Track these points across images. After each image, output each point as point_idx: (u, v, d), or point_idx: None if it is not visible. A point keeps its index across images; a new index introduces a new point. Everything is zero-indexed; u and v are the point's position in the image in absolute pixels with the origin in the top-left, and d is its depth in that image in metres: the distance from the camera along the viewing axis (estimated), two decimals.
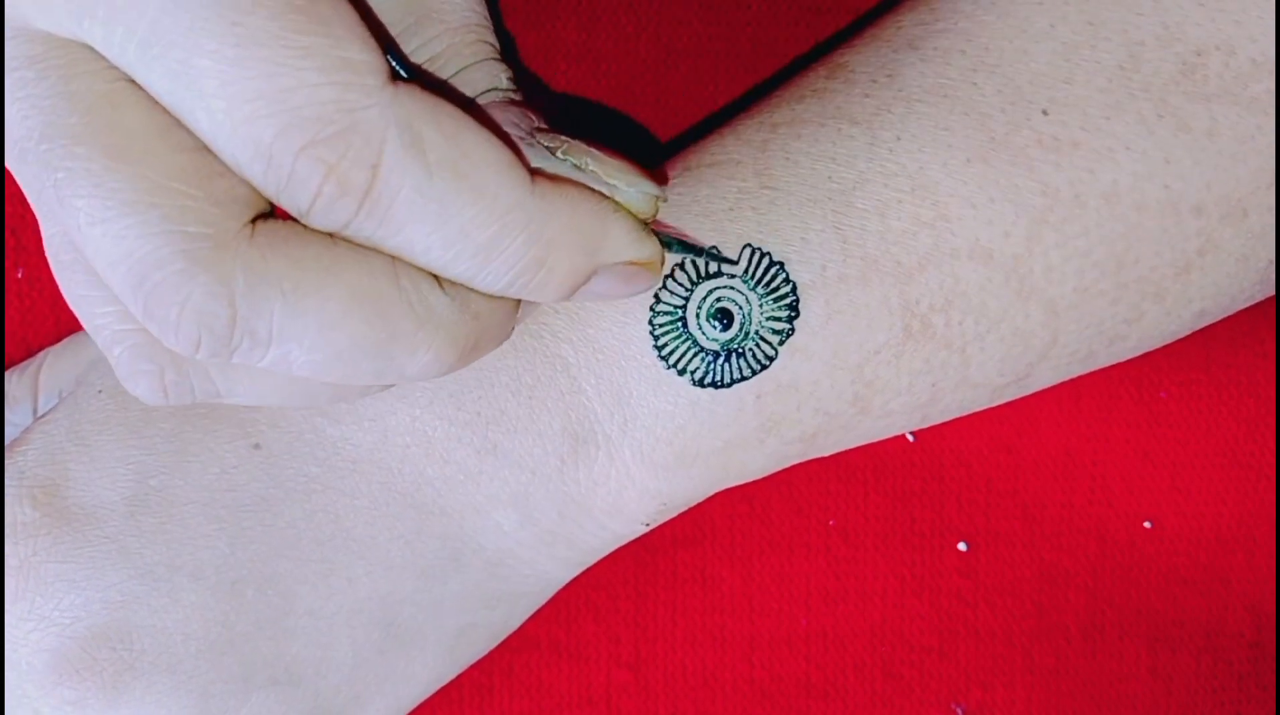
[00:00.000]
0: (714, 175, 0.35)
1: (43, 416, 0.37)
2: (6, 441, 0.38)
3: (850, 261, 0.34)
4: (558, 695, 0.43)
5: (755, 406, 0.35)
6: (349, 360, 0.30)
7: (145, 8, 0.28)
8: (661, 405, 0.35)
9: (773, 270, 0.34)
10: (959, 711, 0.44)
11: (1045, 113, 0.34)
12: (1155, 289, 0.36)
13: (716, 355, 0.35)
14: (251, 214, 0.30)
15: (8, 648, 0.34)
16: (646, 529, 0.38)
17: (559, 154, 0.31)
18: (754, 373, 0.35)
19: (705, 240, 0.35)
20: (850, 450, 0.43)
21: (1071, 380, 0.42)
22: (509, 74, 0.33)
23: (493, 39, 0.34)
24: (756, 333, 0.35)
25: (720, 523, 0.43)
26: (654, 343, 0.35)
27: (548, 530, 0.36)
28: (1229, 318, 0.40)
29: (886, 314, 0.34)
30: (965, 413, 0.38)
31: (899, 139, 0.35)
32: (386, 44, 0.32)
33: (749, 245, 0.35)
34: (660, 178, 0.34)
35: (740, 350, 0.35)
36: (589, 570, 0.41)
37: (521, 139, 0.31)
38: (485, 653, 0.39)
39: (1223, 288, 0.36)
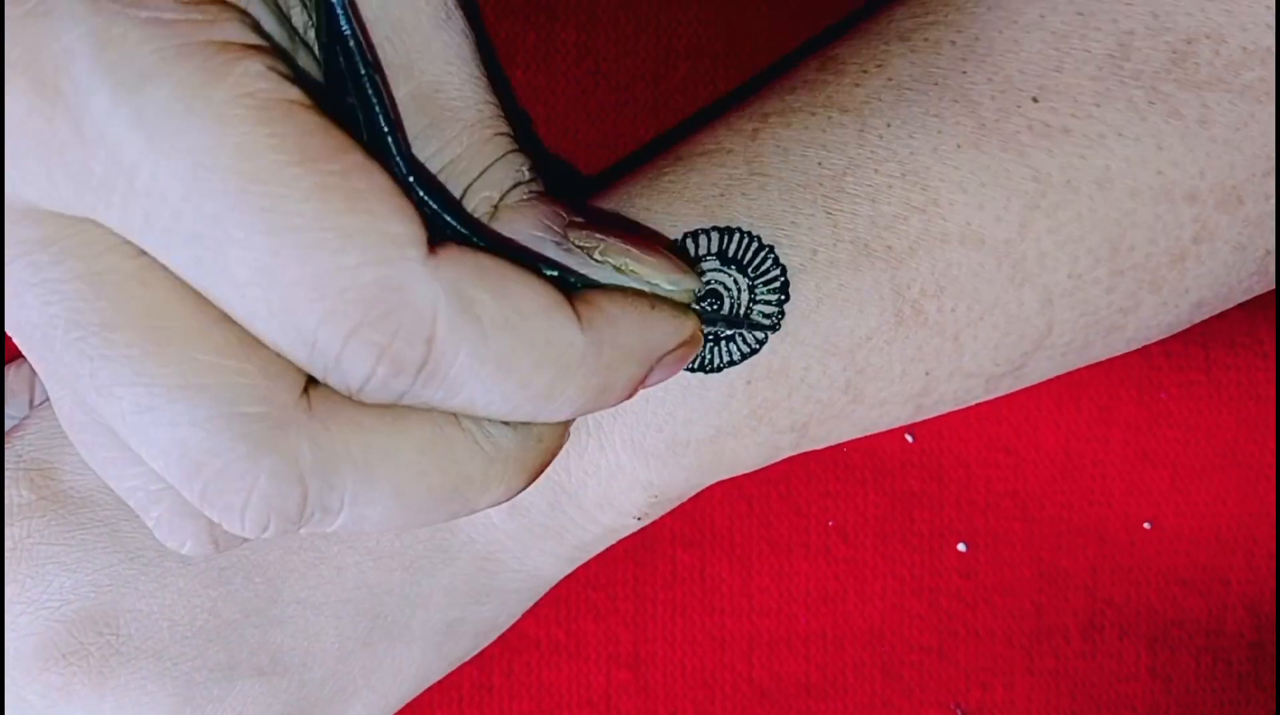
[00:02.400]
0: (705, 163, 0.36)
1: (41, 405, 0.37)
2: (6, 430, 0.38)
3: (841, 246, 0.34)
4: (558, 695, 0.43)
5: (746, 392, 0.35)
6: (423, 511, 0.29)
7: (166, 194, 0.26)
8: (651, 390, 0.35)
9: (762, 253, 0.34)
10: (959, 711, 0.44)
11: (1035, 100, 0.34)
12: (1151, 277, 0.36)
13: (706, 339, 0.35)
14: (304, 379, 0.28)
15: None
16: (638, 524, 0.37)
17: (597, 256, 0.31)
18: (744, 357, 0.35)
19: (694, 223, 0.35)
20: (849, 451, 0.43)
21: (1071, 381, 0.42)
22: (529, 163, 0.32)
23: (507, 127, 0.32)
24: (746, 317, 0.35)
25: (720, 523, 0.43)
26: None
27: (537, 523, 0.36)
28: (1229, 319, 0.40)
29: (877, 299, 0.34)
30: (962, 405, 0.38)
31: (889, 125, 0.35)
32: (431, 191, 0.31)
33: (717, 227, 0.35)
34: (692, 266, 0.35)
35: (730, 334, 0.35)
36: (588, 570, 0.41)
37: (559, 244, 0.31)
38: (474, 652, 0.39)
39: (1220, 277, 0.36)
